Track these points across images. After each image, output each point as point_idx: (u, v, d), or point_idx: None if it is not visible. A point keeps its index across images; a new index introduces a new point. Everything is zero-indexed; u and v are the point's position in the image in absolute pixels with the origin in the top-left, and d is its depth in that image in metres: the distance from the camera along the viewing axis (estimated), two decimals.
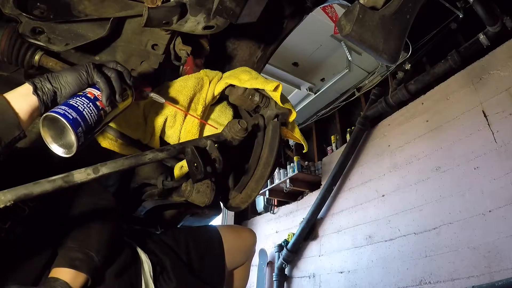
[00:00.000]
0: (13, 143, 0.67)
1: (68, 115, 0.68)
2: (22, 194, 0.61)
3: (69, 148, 0.70)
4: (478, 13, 2.50)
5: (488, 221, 2.32)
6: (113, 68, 0.80)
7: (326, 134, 4.88)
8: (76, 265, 0.81)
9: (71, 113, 0.69)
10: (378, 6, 0.87)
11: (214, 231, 1.37)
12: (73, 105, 0.70)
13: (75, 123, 0.68)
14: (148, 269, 1.04)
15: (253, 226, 5.08)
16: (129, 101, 0.85)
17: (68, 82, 0.74)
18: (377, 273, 2.99)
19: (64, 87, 0.73)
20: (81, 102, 0.72)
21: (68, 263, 0.80)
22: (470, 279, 2.28)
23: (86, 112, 0.72)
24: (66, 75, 0.74)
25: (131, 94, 0.85)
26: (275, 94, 1.02)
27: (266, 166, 1.02)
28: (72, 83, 0.74)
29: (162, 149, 0.79)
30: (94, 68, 0.77)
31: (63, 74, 0.74)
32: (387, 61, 0.90)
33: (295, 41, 3.59)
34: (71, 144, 0.70)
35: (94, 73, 0.76)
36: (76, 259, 0.81)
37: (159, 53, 1.06)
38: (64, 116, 0.67)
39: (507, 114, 2.45)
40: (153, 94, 0.92)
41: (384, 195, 3.26)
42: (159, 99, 0.92)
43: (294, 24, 1.47)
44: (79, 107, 0.71)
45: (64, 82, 0.73)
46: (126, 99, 0.83)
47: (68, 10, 0.90)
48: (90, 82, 0.77)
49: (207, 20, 0.98)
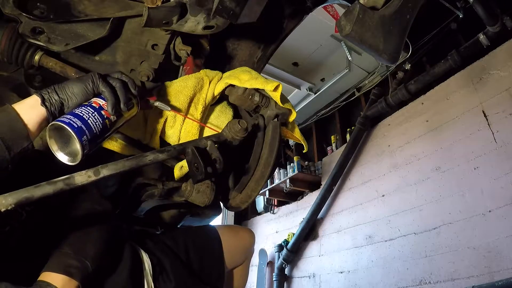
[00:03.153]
0: (21, 153, 0.69)
1: (73, 124, 0.70)
2: (23, 197, 0.61)
3: (75, 156, 0.72)
4: (478, 13, 2.50)
5: (488, 221, 2.32)
6: (118, 78, 0.82)
7: (326, 134, 4.88)
8: (70, 272, 0.79)
9: (76, 122, 0.71)
10: (378, 6, 0.87)
11: (213, 231, 1.37)
12: (78, 114, 0.73)
13: (79, 131, 0.70)
14: (148, 269, 1.04)
15: (253, 226, 5.08)
16: (135, 110, 0.86)
17: (75, 93, 0.76)
18: (377, 273, 2.99)
19: (70, 98, 0.75)
20: (86, 111, 0.74)
21: (63, 269, 0.79)
22: (470, 279, 2.28)
23: (91, 120, 0.73)
24: (73, 86, 0.76)
25: (137, 103, 0.87)
26: (275, 94, 1.02)
27: (266, 166, 1.02)
28: (78, 94, 0.76)
29: (162, 150, 0.79)
30: (100, 78, 0.78)
31: (69, 85, 0.76)
32: (387, 61, 0.90)
33: (295, 41, 3.59)
34: (76, 153, 0.72)
35: (99, 83, 0.78)
36: (71, 266, 0.80)
37: (159, 53, 1.06)
38: (69, 124, 0.69)
39: (507, 114, 2.45)
40: (159, 103, 0.93)
41: (384, 195, 3.26)
42: (164, 107, 0.94)
43: (294, 24, 1.47)
44: (84, 116, 0.73)
45: (71, 93, 0.76)
46: (132, 108, 0.85)
47: (68, 10, 0.90)
48: (96, 92, 0.79)
49: (207, 20, 0.98)
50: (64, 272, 0.79)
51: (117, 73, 0.84)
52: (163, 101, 0.96)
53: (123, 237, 1.07)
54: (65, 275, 0.79)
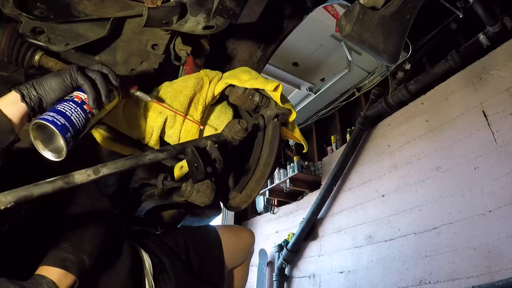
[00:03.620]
0: (9, 147, 0.70)
1: (56, 122, 0.70)
2: (22, 195, 0.61)
3: (59, 152, 0.73)
4: (478, 13, 2.49)
5: (488, 221, 2.32)
6: (97, 70, 0.81)
7: (326, 134, 4.88)
8: (67, 265, 0.79)
9: (59, 119, 0.71)
10: (378, 6, 0.87)
11: (213, 231, 1.37)
12: (61, 111, 0.73)
13: (64, 129, 0.71)
14: (149, 269, 1.04)
15: (253, 226, 5.08)
16: (116, 100, 0.87)
17: (53, 88, 0.76)
18: (377, 273, 2.99)
19: (49, 93, 0.75)
20: (69, 107, 0.74)
21: (59, 263, 0.79)
22: (470, 279, 2.28)
23: (74, 117, 0.74)
24: (50, 81, 0.76)
25: (118, 94, 0.86)
26: (275, 94, 1.02)
27: (266, 166, 1.02)
28: (56, 89, 0.76)
29: (162, 150, 0.79)
30: (78, 71, 0.77)
31: (47, 80, 0.76)
32: (387, 61, 0.90)
33: (295, 41, 3.59)
34: (61, 149, 0.72)
35: (78, 77, 0.77)
36: (67, 260, 0.80)
37: (159, 53, 1.06)
38: (53, 123, 0.70)
39: (507, 114, 2.45)
40: (139, 92, 0.93)
41: (384, 195, 3.25)
42: (145, 97, 0.93)
43: (294, 24, 1.47)
44: (66, 112, 0.73)
45: (49, 88, 0.75)
46: (113, 99, 0.84)
47: (68, 10, 0.90)
48: (75, 86, 0.78)
49: (207, 20, 0.98)
50: (60, 266, 0.79)
51: (96, 64, 0.83)
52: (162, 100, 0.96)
53: (122, 234, 1.07)
54: (61, 268, 0.79)
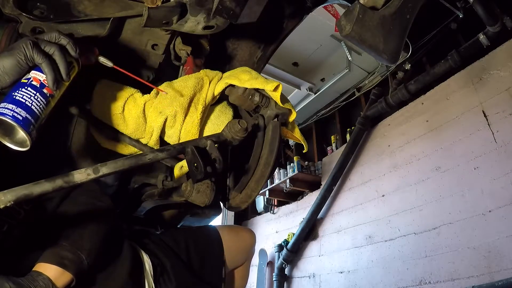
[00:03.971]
0: None
1: (17, 116, 0.65)
2: (22, 194, 0.60)
3: (23, 143, 0.68)
4: (478, 13, 2.50)
5: (488, 221, 2.32)
6: (54, 43, 0.72)
7: (326, 134, 4.88)
8: (64, 263, 0.78)
9: (20, 112, 0.66)
10: (378, 6, 0.87)
11: (214, 231, 1.37)
12: (20, 101, 0.67)
13: (25, 123, 0.66)
14: (149, 270, 1.04)
15: (253, 226, 5.08)
16: (75, 72, 0.79)
17: (7, 72, 0.67)
18: (377, 273, 2.99)
19: (2, 77, 0.67)
20: (28, 95, 0.68)
21: (56, 261, 0.78)
22: (470, 279, 2.28)
23: (34, 105, 0.68)
24: (3, 63, 0.67)
25: (77, 65, 0.79)
26: (275, 94, 1.01)
27: (266, 166, 1.02)
28: (11, 72, 0.68)
29: (162, 149, 0.79)
30: (34, 48, 0.68)
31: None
32: (387, 61, 0.90)
33: (295, 41, 3.59)
34: (24, 141, 0.68)
35: (34, 55, 0.68)
36: (65, 258, 0.79)
37: (159, 53, 1.06)
38: (14, 118, 0.65)
39: (507, 114, 2.45)
40: (101, 57, 0.87)
41: (384, 195, 3.25)
42: (107, 63, 0.87)
43: (294, 24, 1.47)
44: (26, 102, 0.67)
45: (2, 72, 0.67)
46: (73, 72, 0.77)
47: (68, 10, 0.90)
48: (31, 65, 0.69)
49: (207, 20, 0.97)
50: (57, 263, 0.78)
51: (53, 33, 0.73)
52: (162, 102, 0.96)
53: (123, 234, 1.07)
54: (58, 266, 0.77)
